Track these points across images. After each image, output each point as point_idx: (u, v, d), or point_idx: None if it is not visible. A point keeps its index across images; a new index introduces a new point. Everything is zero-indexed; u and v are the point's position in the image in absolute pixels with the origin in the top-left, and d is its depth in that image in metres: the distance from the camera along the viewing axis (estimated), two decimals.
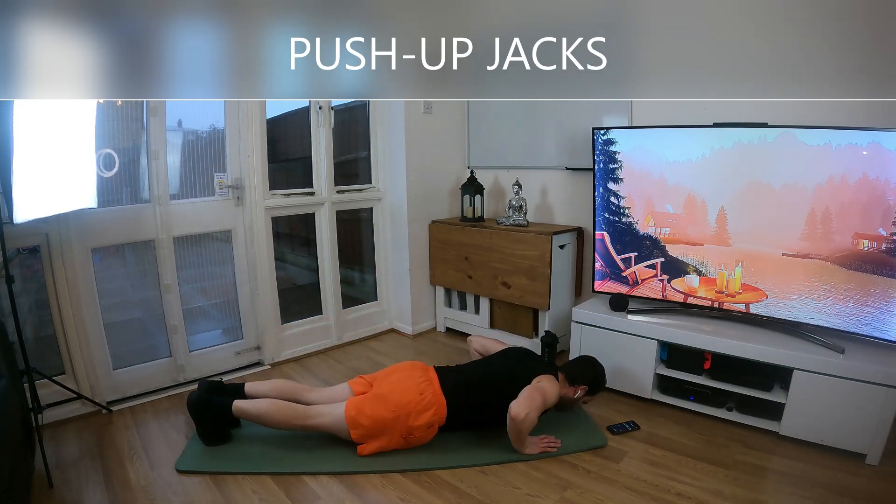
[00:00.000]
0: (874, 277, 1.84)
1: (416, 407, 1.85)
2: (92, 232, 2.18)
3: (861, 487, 1.68)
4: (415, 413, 1.85)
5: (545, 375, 1.97)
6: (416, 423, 1.84)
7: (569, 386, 2.04)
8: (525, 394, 1.85)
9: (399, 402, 1.85)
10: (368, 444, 1.85)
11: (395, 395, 1.87)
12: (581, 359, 2.21)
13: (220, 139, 2.56)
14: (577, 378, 2.06)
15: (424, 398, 1.87)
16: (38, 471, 1.73)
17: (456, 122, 3.28)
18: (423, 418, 1.85)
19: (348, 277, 3.24)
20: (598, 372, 2.11)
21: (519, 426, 1.80)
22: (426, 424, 1.85)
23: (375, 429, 1.84)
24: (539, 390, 1.87)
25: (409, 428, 1.84)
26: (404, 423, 1.84)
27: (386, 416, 1.83)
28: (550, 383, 1.94)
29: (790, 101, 1.91)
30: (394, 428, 1.84)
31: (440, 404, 1.88)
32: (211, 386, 2.02)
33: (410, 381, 1.92)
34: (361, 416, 1.84)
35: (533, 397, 1.84)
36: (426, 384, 1.92)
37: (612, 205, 2.41)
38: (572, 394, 2.04)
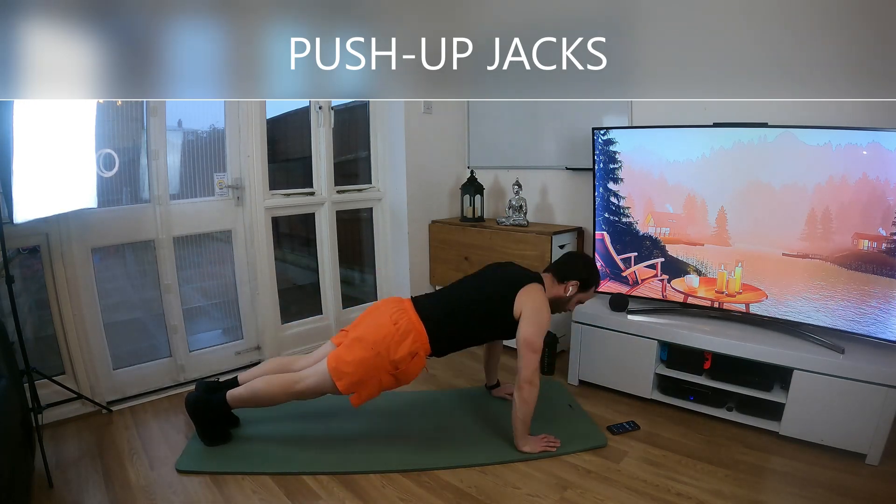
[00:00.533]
0: (874, 277, 1.84)
1: (394, 338, 1.78)
2: (92, 232, 2.18)
3: (861, 487, 1.68)
4: (393, 345, 1.77)
5: (530, 285, 1.89)
6: (398, 356, 1.77)
7: (558, 284, 1.97)
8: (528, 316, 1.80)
9: (375, 339, 1.78)
10: (358, 391, 1.79)
11: (370, 333, 1.80)
12: (568, 254, 2.12)
13: (220, 139, 2.56)
14: (566, 274, 1.98)
15: (400, 328, 1.79)
16: (38, 471, 1.73)
17: (456, 122, 3.28)
18: (403, 348, 1.78)
19: (348, 277, 3.24)
20: (589, 265, 2.03)
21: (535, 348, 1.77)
22: (409, 354, 1.78)
23: (359, 373, 1.77)
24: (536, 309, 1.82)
25: (393, 362, 1.77)
26: (386, 359, 1.77)
27: (366, 357, 1.76)
28: (537, 293, 1.88)
29: (790, 101, 1.91)
30: (377, 367, 1.77)
31: (418, 331, 1.81)
32: (208, 386, 2.01)
33: (384, 315, 1.85)
34: (342, 364, 1.77)
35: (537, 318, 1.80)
36: (400, 313, 1.84)
37: (612, 205, 2.41)
38: (563, 292, 1.96)
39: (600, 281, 2.06)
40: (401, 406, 2.26)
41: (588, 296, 2.05)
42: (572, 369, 2.48)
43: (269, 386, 1.85)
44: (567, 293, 1.98)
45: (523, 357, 1.80)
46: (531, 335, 1.80)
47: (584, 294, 2.03)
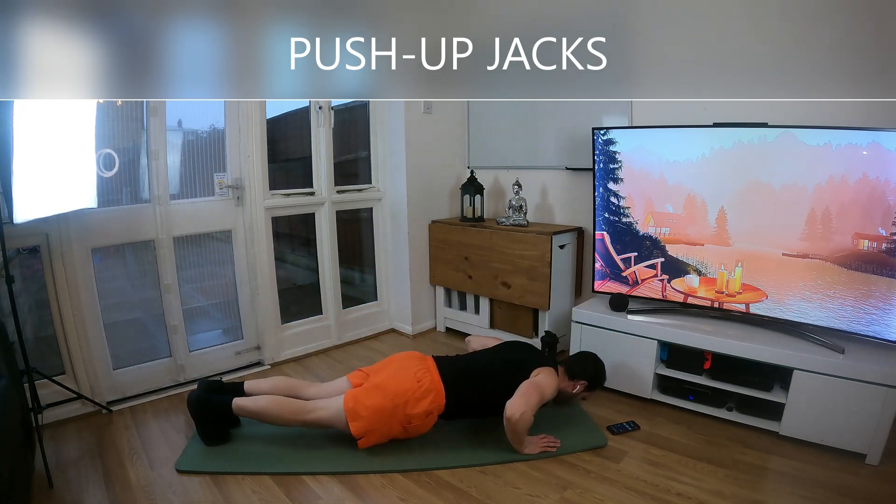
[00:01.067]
0: (874, 277, 1.84)
1: (414, 394, 1.84)
2: (92, 232, 2.18)
3: (861, 487, 1.68)
4: (413, 401, 1.84)
5: (544, 368, 1.96)
6: (415, 412, 1.83)
7: (568, 380, 2.05)
8: (521, 391, 1.84)
9: (397, 391, 1.84)
10: (368, 436, 1.84)
11: (392, 384, 1.86)
12: (582, 354, 2.21)
13: (220, 139, 2.56)
14: (577, 373, 2.06)
15: (422, 385, 1.86)
16: (38, 471, 1.73)
17: (456, 122, 3.28)
18: (422, 406, 1.84)
19: (348, 277, 3.24)
20: (598, 368, 2.11)
21: (514, 426, 1.79)
22: (424, 412, 1.84)
23: (374, 419, 1.82)
24: (536, 386, 1.86)
25: (408, 416, 1.83)
26: (402, 412, 1.83)
27: (384, 405, 1.82)
28: (549, 376, 1.93)
29: (790, 101, 1.91)
30: (392, 417, 1.83)
31: (438, 391, 1.87)
32: (211, 385, 2.02)
33: (408, 369, 1.92)
34: (360, 407, 1.82)
35: (529, 394, 1.82)
36: (424, 372, 1.91)
37: (612, 205, 2.41)
38: (571, 388, 2.04)
39: (604, 383, 2.17)
40: None
41: (591, 395, 2.15)
42: None
43: (276, 407, 1.87)
44: (574, 390, 2.05)
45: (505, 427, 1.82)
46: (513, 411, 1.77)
47: (588, 393, 2.11)
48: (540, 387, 1.87)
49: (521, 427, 1.81)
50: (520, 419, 1.78)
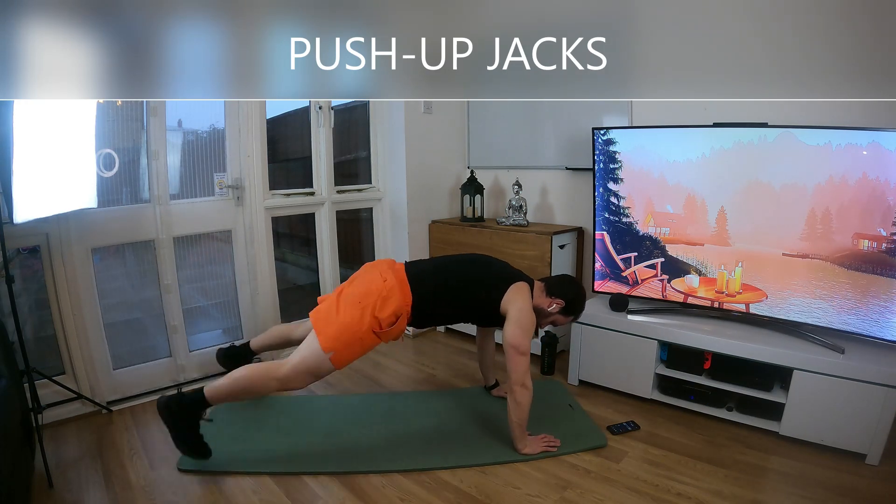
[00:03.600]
0: (874, 277, 1.84)
1: (381, 293, 1.77)
2: (92, 232, 2.18)
3: (861, 487, 1.68)
4: (380, 301, 1.76)
5: (521, 283, 1.90)
6: (383, 314, 1.75)
7: (545, 296, 1.98)
8: (513, 318, 1.80)
9: (363, 292, 1.79)
10: (340, 350, 1.74)
11: (358, 288, 1.82)
12: (565, 275, 2.14)
13: (220, 139, 2.56)
14: (555, 291, 1.98)
15: (388, 284, 1.80)
16: (38, 471, 1.73)
17: (456, 122, 3.28)
18: (389, 306, 1.77)
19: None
20: (579, 293, 2.03)
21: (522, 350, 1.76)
22: (393, 314, 1.77)
23: (344, 330, 1.74)
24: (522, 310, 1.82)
25: (377, 319, 1.75)
26: (370, 315, 1.75)
27: (353, 313, 1.74)
28: (526, 294, 1.88)
29: (790, 101, 1.91)
30: (361, 322, 1.74)
31: (405, 292, 1.81)
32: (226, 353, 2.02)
33: (374, 272, 1.87)
34: (328, 319, 1.76)
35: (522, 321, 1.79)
36: (389, 271, 1.86)
37: (612, 205, 2.41)
38: (546, 305, 1.96)
39: (582, 312, 2.09)
40: (401, 406, 2.26)
41: (564, 320, 2.05)
42: (572, 369, 2.48)
43: (250, 376, 1.75)
44: (549, 308, 1.98)
45: (511, 360, 1.79)
46: (516, 338, 1.78)
47: (562, 317, 2.02)
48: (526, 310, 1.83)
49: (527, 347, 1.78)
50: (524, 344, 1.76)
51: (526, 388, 1.79)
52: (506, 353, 1.81)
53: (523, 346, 1.78)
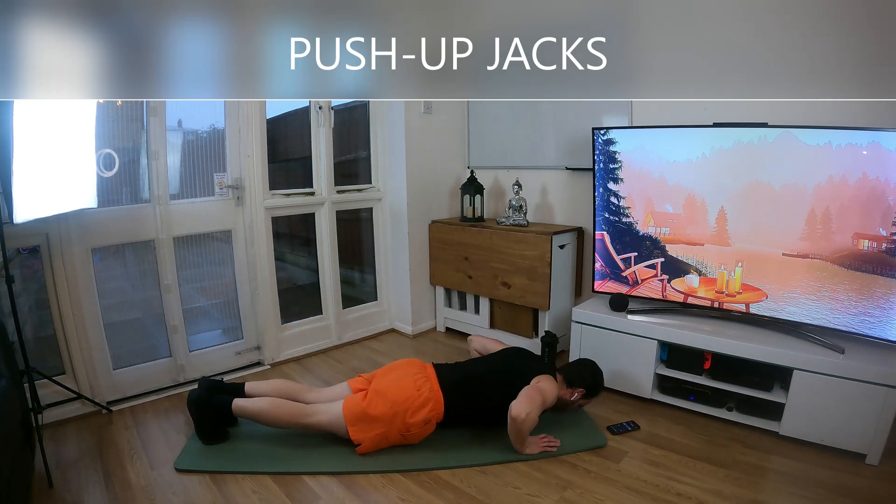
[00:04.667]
0: (874, 277, 1.84)
1: (414, 403, 1.86)
2: (92, 232, 2.18)
3: (861, 487, 1.68)
4: (412, 409, 1.85)
5: (544, 375, 1.97)
6: (414, 420, 1.85)
7: (566, 388, 2.05)
8: (525, 393, 1.85)
9: (396, 399, 1.85)
10: (366, 442, 1.85)
11: (392, 392, 1.87)
12: (580, 361, 2.21)
13: (220, 139, 2.56)
14: (574, 380, 2.06)
15: (422, 394, 1.88)
16: (38, 471, 1.73)
17: (456, 122, 3.28)
18: (421, 414, 1.85)
19: (348, 277, 3.24)
20: (596, 376, 2.11)
21: (520, 426, 1.80)
22: (423, 420, 1.86)
23: (373, 426, 1.84)
24: (539, 390, 1.87)
25: (407, 424, 1.85)
26: (402, 420, 1.84)
27: (384, 413, 1.84)
28: (550, 383, 1.94)
29: (790, 101, 1.91)
30: (391, 424, 1.84)
31: (437, 400, 1.89)
32: (212, 384, 2.02)
33: (408, 377, 1.93)
34: (359, 414, 1.84)
35: (533, 397, 1.84)
36: (423, 380, 1.92)
37: (612, 205, 2.41)
38: (569, 396, 2.04)
39: (602, 390, 2.15)
40: None
41: (588, 402, 2.13)
42: None
43: (276, 409, 1.89)
44: (571, 398, 2.05)
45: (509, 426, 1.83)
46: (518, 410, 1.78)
47: (585, 400, 2.10)
48: (543, 391, 1.88)
49: (526, 427, 1.81)
50: (525, 419, 1.78)
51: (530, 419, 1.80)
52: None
53: (520, 416, 1.78)
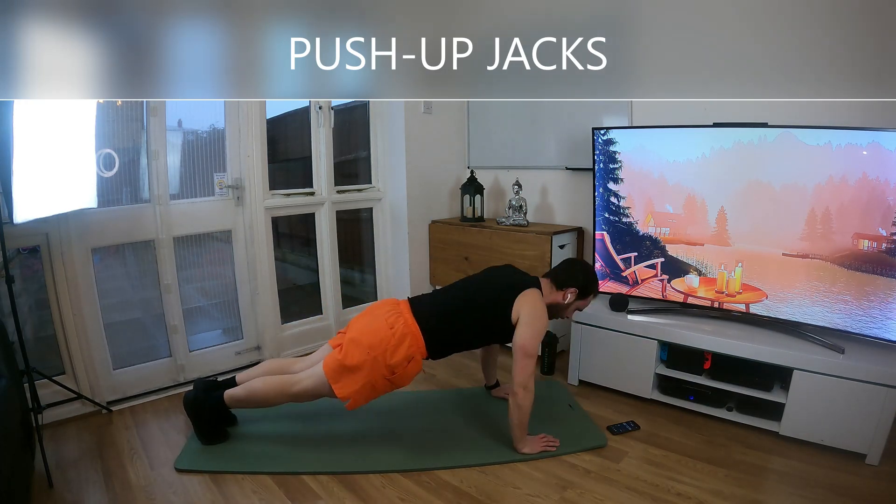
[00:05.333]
0: (874, 277, 1.84)
1: (390, 342, 1.77)
2: (92, 232, 2.18)
3: (861, 487, 1.68)
4: (390, 349, 1.77)
5: (528, 290, 1.88)
6: (394, 360, 1.77)
7: (556, 290, 1.97)
8: (525, 321, 1.80)
9: (371, 342, 1.78)
10: (354, 396, 1.78)
11: (365, 336, 1.80)
12: (567, 261, 2.12)
13: (220, 139, 2.56)
14: (565, 281, 1.97)
15: (396, 332, 1.79)
16: (38, 471, 1.73)
17: (456, 122, 3.28)
18: (399, 352, 1.77)
19: (348, 277, 3.24)
20: (587, 273, 2.02)
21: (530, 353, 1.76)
22: (404, 358, 1.78)
23: (355, 377, 1.77)
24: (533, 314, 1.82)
25: (389, 367, 1.77)
26: (382, 363, 1.76)
27: (362, 360, 1.76)
28: (532, 301, 1.85)
29: (790, 101, 1.91)
30: (373, 370, 1.77)
31: (414, 334, 1.80)
32: (206, 384, 2.01)
33: (379, 318, 1.85)
34: (338, 368, 1.78)
35: (534, 324, 1.80)
36: (395, 317, 1.84)
37: (612, 205, 2.41)
38: (562, 298, 1.95)
39: (598, 287, 2.07)
40: (401, 406, 2.25)
41: (586, 303, 2.05)
42: (572, 369, 2.48)
43: (265, 386, 1.87)
44: (565, 300, 1.97)
45: (518, 362, 1.79)
46: (527, 340, 1.79)
47: (582, 301, 2.02)
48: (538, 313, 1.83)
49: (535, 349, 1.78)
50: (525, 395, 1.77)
51: (528, 390, 1.79)
52: (514, 354, 1.81)
53: (532, 349, 1.79)
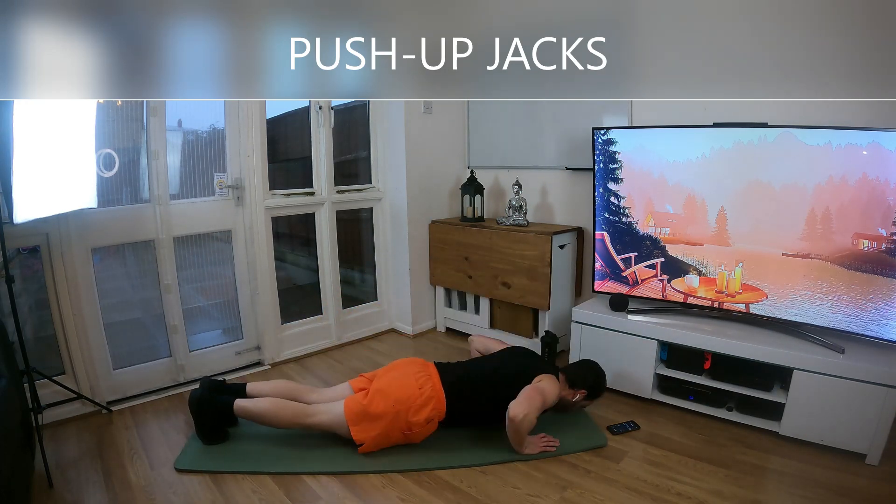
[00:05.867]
0: (874, 277, 1.84)
1: (416, 402, 1.85)
2: (92, 232, 2.18)
3: (861, 487, 1.68)
4: (414, 408, 1.84)
5: (546, 375, 1.97)
6: (416, 419, 1.84)
7: (568, 388, 2.04)
8: (525, 394, 1.85)
9: (398, 397, 1.85)
10: (368, 441, 1.85)
11: (394, 391, 1.87)
12: (583, 362, 2.20)
13: (220, 139, 2.56)
14: (577, 381, 2.06)
15: (424, 392, 1.87)
16: (38, 471, 1.73)
17: (456, 122, 3.28)
18: (423, 413, 1.85)
19: (348, 277, 3.24)
20: (598, 378, 2.11)
21: (518, 427, 1.79)
22: (425, 419, 1.85)
23: (375, 425, 1.83)
24: (539, 390, 1.87)
25: (409, 423, 1.84)
26: (404, 419, 1.84)
27: (385, 411, 1.83)
28: (551, 383, 1.94)
29: (790, 101, 1.91)
30: (393, 423, 1.84)
31: (439, 399, 1.88)
32: (213, 385, 2.02)
33: (409, 376, 1.92)
34: (360, 413, 1.84)
35: (532, 398, 1.84)
36: (425, 379, 1.92)
37: (612, 205, 2.41)
38: (571, 396, 2.04)
39: (604, 391, 2.15)
40: None
41: (590, 404, 2.12)
42: None
43: (277, 410, 1.88)
44: (574, 399, 2.04)
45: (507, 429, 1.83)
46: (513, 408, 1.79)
47: (587, 402, 2.09)
48: (543, 391, 1.87)
49: (524, 428, 1.81)
50: (523, 420, 1.78)
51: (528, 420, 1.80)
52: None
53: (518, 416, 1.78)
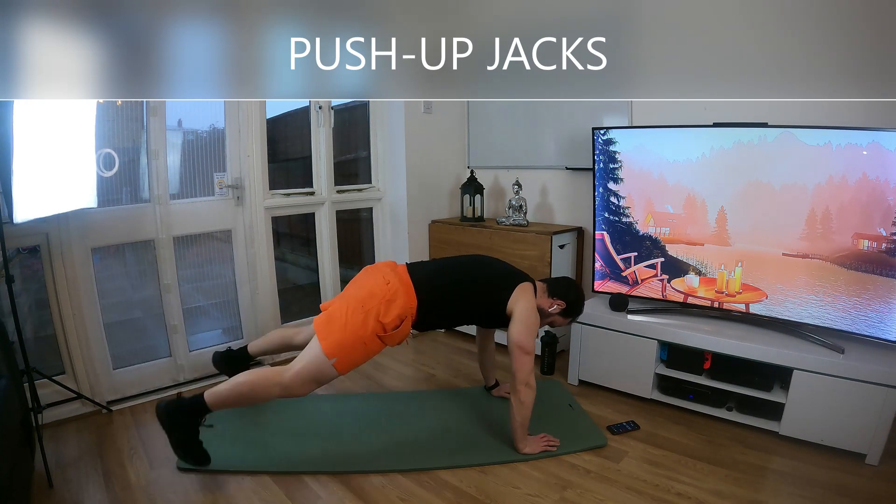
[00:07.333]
0: (874, 277, 1.84)
1: (385, 297, 1.74)
2: (92, 232, 2.18)
3: (861, 487, 1.68)
4: (384, 304, 1.73)
5: (526, 283, 1.91)
6: (387, 318, 1.71)
7: (547, 297, 1.98)
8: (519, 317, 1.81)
9: (365, 295, 1.75)
10: (342, 356, 1.69)
11: (360, 291, 1.78)
12: (566, 279, 2.15)
13: (220, 139, 2.56)
14: (558, 292, 1.99)
15: (391, 287, 1.76)
16: (38, 471, 1.73)
17: (456, 122, 3.28)
18: (393, 310, 1.72)
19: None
20: (579, 296, 2.04)
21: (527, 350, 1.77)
22: (397, 317, 1.73)
23: (347, 335, 1.69)
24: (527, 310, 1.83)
25: (381, 325, 1.71)
26: (374, 319, 1.71)
27: (356, 318, 1.70)
28: (530, 294, 1.88)
29: (790, 101, 1.91)
30: (365, 326, 1.70)
31: (409, 294, 1.77)
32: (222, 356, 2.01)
33: (375, 275, 1.84)
34: (331, 324, 1.72)
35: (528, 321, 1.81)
36: (391, 273, 1.82)
37: (612, 205, 2.41)
38: (548, 306, 1.96)
39: (581, 314, 2.11)
40: (401, 406, 2.26)
41: (563, 322, 2.05)
42: (572, 369, 2.48)
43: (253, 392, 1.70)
44: (550, 308, 1.97)
45: (516, 360, 1.80)
46: (522, 337, 1.79)
47: (561, 318, 2.02)
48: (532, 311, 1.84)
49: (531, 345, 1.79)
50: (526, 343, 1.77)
51: (530, 387, 1.80)
52: (511, 352, 1.81)
53: (528, 345, 1.79)
